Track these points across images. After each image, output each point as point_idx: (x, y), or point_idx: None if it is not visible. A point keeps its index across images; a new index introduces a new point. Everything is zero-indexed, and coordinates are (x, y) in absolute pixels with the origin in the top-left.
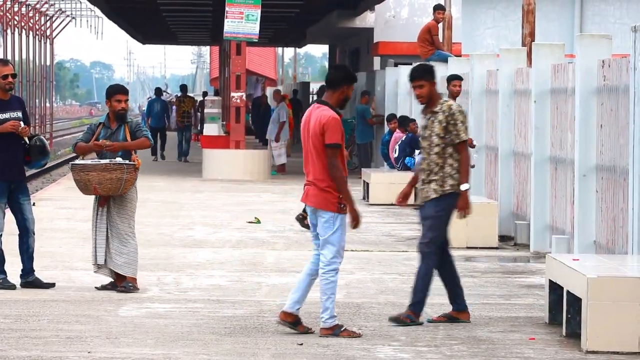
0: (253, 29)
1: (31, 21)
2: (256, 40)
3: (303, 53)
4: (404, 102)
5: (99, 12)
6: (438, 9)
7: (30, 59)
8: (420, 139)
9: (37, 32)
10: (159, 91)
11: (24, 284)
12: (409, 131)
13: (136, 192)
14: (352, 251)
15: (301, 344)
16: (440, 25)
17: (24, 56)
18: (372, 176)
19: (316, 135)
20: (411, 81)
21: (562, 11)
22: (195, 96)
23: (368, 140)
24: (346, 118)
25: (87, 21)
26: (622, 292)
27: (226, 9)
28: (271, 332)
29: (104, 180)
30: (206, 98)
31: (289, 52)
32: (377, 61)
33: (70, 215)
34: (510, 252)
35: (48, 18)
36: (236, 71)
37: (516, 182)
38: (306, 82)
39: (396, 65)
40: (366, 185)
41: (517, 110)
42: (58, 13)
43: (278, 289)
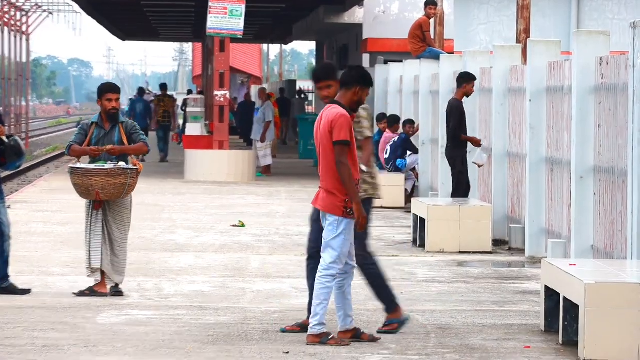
0: (237, 24)
1: (6, 16)
2: (240, 37)
3: (289, 50)
4: (394, 101)
5: (77, 7)
6: (430, 4)
7: (5, 55)
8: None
9: (13, 28)
10: (141, 91)
11: None
12: (403, 132)
13: (131, 197)
14: None
15: (287, 352)
16: (432, 21)
17: None
18: None
19: (325, 134)
20: (317, 82)
21: (558, 7)
22: (178, 95)
23: None
24: None
25: (65, 16)
26: (621, 299)
27: (209, 4)
28: (256, 339)
29: (108, 185)
30: (189, 97)
31: (274, 49)
32: (366, 58)
33: (46, 218)
34: (505, 257)
35: (24, 13)
36: (220, 69)
37: (511, 184)
38: (292, 80)
39: (386, 62)
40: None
41: (511, 110)
42: (34, 8)
43: (263, 295)
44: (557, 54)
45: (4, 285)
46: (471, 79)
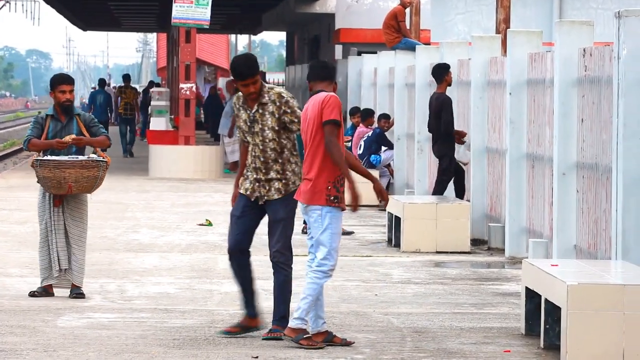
0: (204, 14)
1: None
2: (207, 27)
3: (258, 41)
4: (368, 94)
5: None
6: None
7: None
8: (244, 135)
9: None
10: (102, 82)
11: None
12: (378, 127)
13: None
14: None
15: (256, 357)
16: (408, 10)
17: None
18: None
19: (315, 117)
20: (243, 79)
21: None
22: (141, 87)
23: None
24: None
25: (23, 5)
26: (605, 301)
27: None
28: (224, 344)
29: (81, 178)
30: (152, 90)
31: (243, 39)
32: (338, 50)
33: (4, 217)
34: (484, 257)
35: None
36: (185, 60)
37: (490, 181)
38: (262, 71)
39: (359, 54)
40: None
41: (490, 103)
42: None
43: (231, 297)
44: (538, 45)
45: None
46: (447, 68)
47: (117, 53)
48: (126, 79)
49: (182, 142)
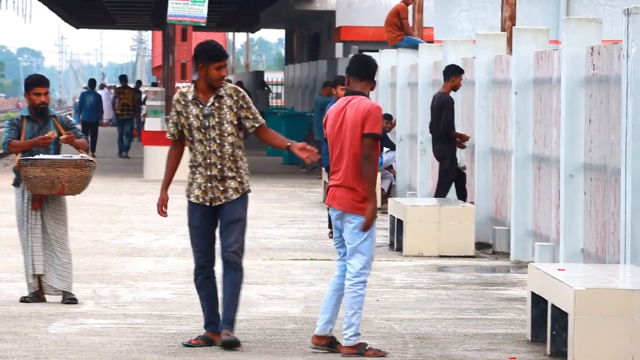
0: (200, 11)
1: None
2: (204, 25)
3: (256, 39)
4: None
5: None
6: None
7: None
8: (191, 132)
9: None
10: (92, 83)
11: None
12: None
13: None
14: (311, 260)
15: None
16: (411, 7)
17: None
18: None
19: (356, 125)
20: (222, 60)
21: None
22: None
23: None
24: (304, 111)
25: (14, 2)
26: (613, 306)
27: None
28: (221, 350)
29: (75, 177)
30: (141, 89)
31: (240, 37)
32: (339, 48)
33: None
34: (488, 261)
35: None
36: (181, 59)
37: (495, 183)
38: (260, 71)
39: (360, 52)
40: (326, 187)
41: (495, 103)
42: None
43: None
44: (545, 43)
45: None
46: (459, 72)
47: (111, 51)
48: (123, 79)
49: None
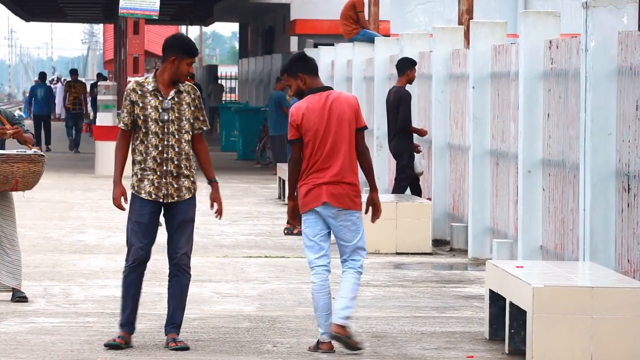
0: (153, 4)
1: None
2: (156, 18)
3: (210, 32)
4: None
5: None
6: None
7: None
8: (157, 121)
9: None
10: (43, 76)
11: None
12: None
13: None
14: (266, 257)
15: None
16: (367, 0)
17: None
18: None
19: (350, 119)
20: (194, 57)
21: None
22: (87, 80)
23: (283, 131)
24: (259, 106)
25: None
26: (572, 304)
27: None
28: (173, 350)
29: (28, 173)
30: (100, 83)
31: (194, 31)
32: (294, 41)
33: None
34: (446, 258)
35: None
36: (134, 52)
37: (452, 179)
38: (214, 64)
39: (316, 46)
40: (282, 183)
41: (453, 97)
42: None
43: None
44: (502, 36)
45: None
46: (413, 64)
47: (62, 45)
48: (74, 73)
49: None
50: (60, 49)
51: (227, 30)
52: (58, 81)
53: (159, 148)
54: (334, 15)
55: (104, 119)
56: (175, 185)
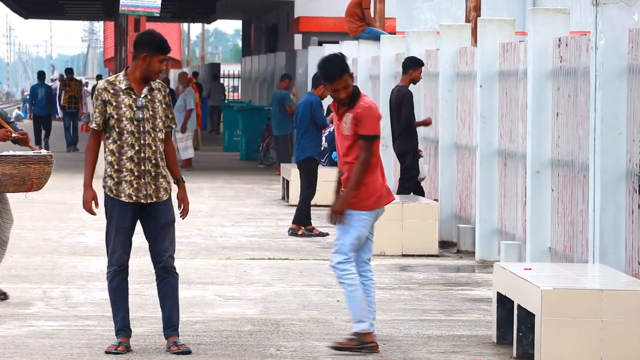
0: (154, 1)
1: None
2: (158, 15)
3: (212, 30)
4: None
5: None
6: None
7: None
8: (132, 120)
9: None
10: (41, 75)
11: None
12: None
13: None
14: (269, 259)
15: None
16: None
17: None
18: (293, 173)
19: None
20: (165, 54)
21: None
22: (88, 79)
23: (287, 131)
24: (262, 105)
25: None
26: (581, 307)
27: None
28: (175, 354)
29: (43, 174)
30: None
31: (195, 28)
32: (298, 39)
33: None
34: (453, 260)
35: None
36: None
37: (459, 179)
38: (216, 63)
39: (320, 44)
40: (286, 183)
41: (460, 96)
42: None
43: (183, 304)
44: (510, 34)
45: None
46: (418, 64)
47: (62, 43)
48: (69, 71)
49: None
50: (59, 47)
51: (230, 28)
52: (61, 79)
53: (136, 147)
54: (338, 12)
55: None
56: (153, 186)
